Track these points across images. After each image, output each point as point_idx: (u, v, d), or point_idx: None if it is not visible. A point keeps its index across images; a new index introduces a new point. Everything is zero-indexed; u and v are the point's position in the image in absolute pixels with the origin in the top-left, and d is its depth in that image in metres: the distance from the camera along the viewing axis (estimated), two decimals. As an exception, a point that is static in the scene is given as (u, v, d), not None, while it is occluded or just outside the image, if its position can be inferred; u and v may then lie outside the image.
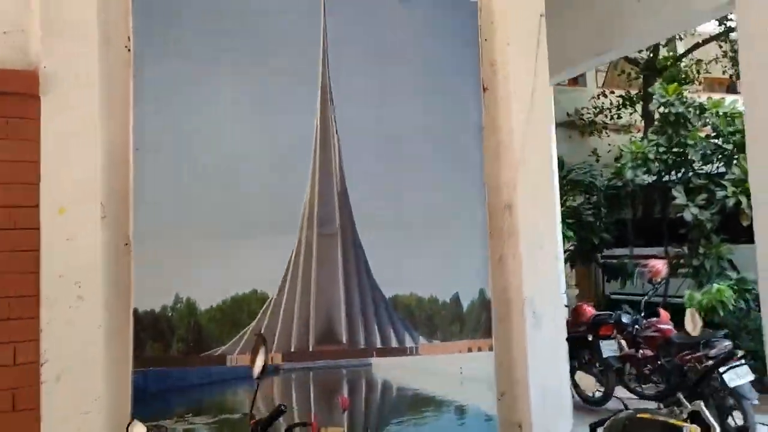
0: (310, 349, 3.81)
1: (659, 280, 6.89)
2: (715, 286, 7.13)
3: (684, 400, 3.17)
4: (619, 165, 9.24)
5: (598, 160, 12.74)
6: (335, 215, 3.94)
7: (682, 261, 8.78)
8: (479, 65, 4.40)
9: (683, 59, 13.75)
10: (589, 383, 3.51)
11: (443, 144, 4.26)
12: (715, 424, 3.12)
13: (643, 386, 6.80)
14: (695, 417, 3.16)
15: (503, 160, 4.44)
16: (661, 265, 6.76)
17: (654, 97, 8.78)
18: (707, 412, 3.17)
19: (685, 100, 8.43)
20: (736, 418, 5.38)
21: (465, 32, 4.39)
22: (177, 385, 3.58)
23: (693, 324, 4.56)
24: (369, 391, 3.91)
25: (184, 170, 3.72)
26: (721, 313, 7.00)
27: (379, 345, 3.95)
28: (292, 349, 3.77)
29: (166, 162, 3.68)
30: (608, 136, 14.43)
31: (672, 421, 2.94)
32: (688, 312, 4.79)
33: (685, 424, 2.93)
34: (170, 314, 3.55)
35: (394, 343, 3.99)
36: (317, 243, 3.87)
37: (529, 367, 4.22)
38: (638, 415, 3.05)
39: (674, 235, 9.11)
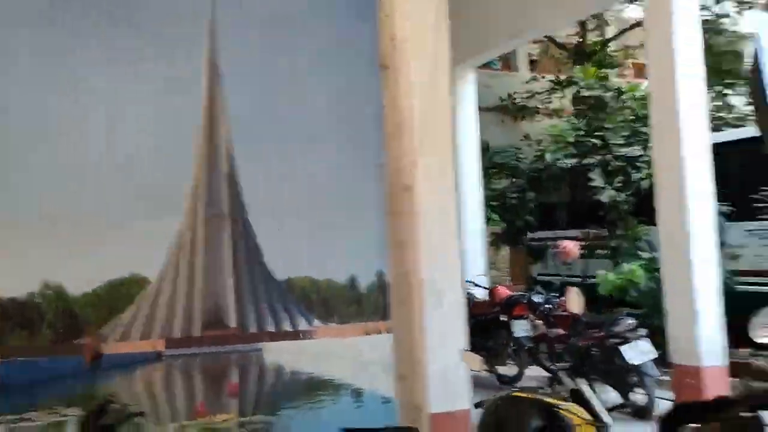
0: (197, 335, 3.66)
1: (570, 260, 7.01)
2: (627, 266, 7.32)
3: (566, 379, 3.19)
4: (541, 148, 9.37)
5: (530, 145, 12.93)
6: (223, 197, 3.78)
7: (600, 242, 9.01)
8: (379, 41, 4.29)
9: (610, 44, 14.02)
10: (474, 362, 3.48)
11: (340, 123, 4.15)
12: (596, 401, 3.14)
13: (556, 364, 6.95)
14: (578, 395, 3.18)
15: (404, 140, 4.35)
16: (572, 246, 6.88)
17: (574, 80, 8.91)
18: (588, 390, 3.19)
19: (604, 83, 8.58)
20: (640, 394, 5.56)
21: (363, 6, 4.27)
22: (46, 375, 3.37)
23: (575, 303, 4.62)
24: (260, 377, 3.80)
25: (53, 150, 3.48)
26: (633, 293, 7.19)
27: (271, 329, 3.83)
28: (177, 335, 3.62)
29: (28, 142, 3.43)
30: (539, 121, 14.63)
31: (548, 399, 2.94)
32: (570, 291, 4.86)
33: (561, 402, 2.94)
34: (37, 301, 3.33)
35: (287, 327, 3.88)
36: (204, 225, 3.71)
37: (428, 348, 4.18)
38: (514, 394, 3.05)
39: (596, 217, 9.33)
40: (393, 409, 4.09)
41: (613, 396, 5.71)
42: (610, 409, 3.59)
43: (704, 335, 5.29)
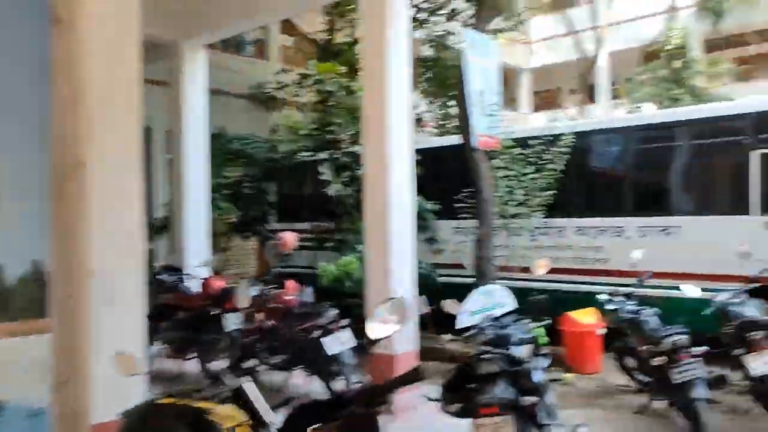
0: None
1: (288, 252, 6.99)
2: (344, 258, 7.56)
3: (226, 378, 2.99)
4: (278, 138, 9.27)
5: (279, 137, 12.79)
6: None
7: (330, 234, 9.24)
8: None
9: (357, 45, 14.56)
10: (128, 366, 3.06)
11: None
12: (260, 400, 2.98)
13: (273, 357, 6.86)
14: (241, 394, 3.01)
15: (79, 110, 3.77)
16: (290, 238, 6.87)
17: (309, 74, 8.99)
18: (251, 389, 3.02)
19: (336, 80, 8.76)
20: (341, 382, 5.69)
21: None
22: None
23: (240, 298, 4.58)
24: None
25: None
26: (349, 284, 7.44)
27: None
28: None
29: None
30: (287, 112, 14.62)
31: (197, 404, 2.70)
32: (239, 285, 4.82)
33: (214, 405, 2.72)
34: None
35: None
36: None
37: (96, 350, 3.68)
38: (158, 401, 2.75)
39: (329, 210, 9.54)
40: (45, 421, 3.51)
41: (317, 386, 5.80)
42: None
43: (399, 324, 5.61)
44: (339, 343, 5.52)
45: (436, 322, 7.30)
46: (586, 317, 7.18)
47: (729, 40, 18.74)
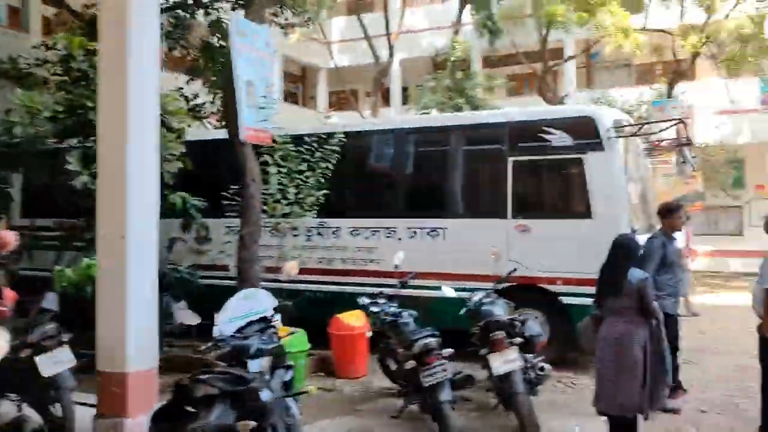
0: None
1: (6, 252, 5.83)
2: (86, 260, 6.56)
3: None
4: (13, 121, 7.82)
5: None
6: None
7: (81, 233, 8.04)
8: None
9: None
10: None
11: None
12: None
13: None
14: None
15: None
16: (7, 236, 5.72)
17: (55, 49, 7.75)
18: None
19: (90, 57, 7.61)
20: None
21: None
22: None
23: None
24: None
25: None
26: (90, 289, 6.44)
27: None
28: None
29: None
30: (53, 92, 12.74)
31: None
32: None
33: None
34: None
35: None
36: None
37: None
38: None
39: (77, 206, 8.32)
40: None
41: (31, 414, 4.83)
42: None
43: (135, 338, 4.86)
44: (55, 362, 4.63)
45: (201, 330, 6.63)
46: (354, 320, 7.05)
47: (503, 58, 20.51)
